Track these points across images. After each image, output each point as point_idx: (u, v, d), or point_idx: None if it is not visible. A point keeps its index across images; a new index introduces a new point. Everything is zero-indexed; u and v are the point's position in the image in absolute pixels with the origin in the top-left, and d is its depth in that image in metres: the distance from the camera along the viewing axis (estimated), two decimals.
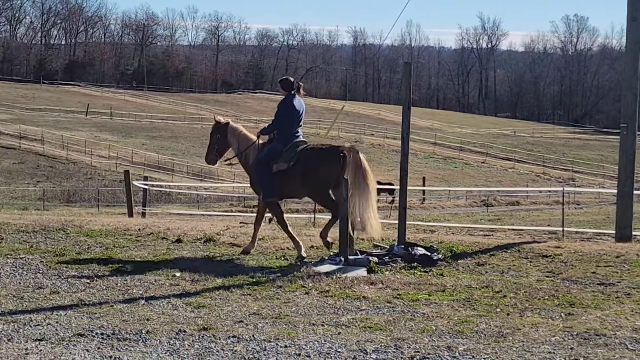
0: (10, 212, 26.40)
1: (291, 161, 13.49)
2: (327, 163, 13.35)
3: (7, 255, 13.02)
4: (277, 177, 13.56)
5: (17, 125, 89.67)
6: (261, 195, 13.80)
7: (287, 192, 13.96)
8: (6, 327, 8.56)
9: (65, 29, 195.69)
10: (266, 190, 13.64)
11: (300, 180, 13.48)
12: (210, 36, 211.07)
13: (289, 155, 13.54)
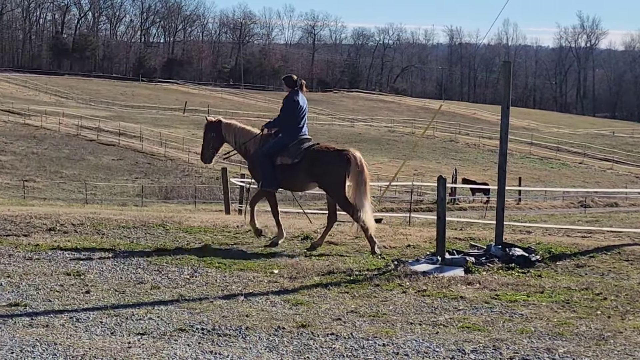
0: (110, 207, 26.84)
1: (296, 158, 14.24)
2: (332, 165, 14.02)
3: (109, 250, 13.25)
4: (279, 170, 14.37)
5: (116, 122, 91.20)
6: (260, 183, 14.59)
7: (287, 184, 14.88)
8: (109, 321, 8.73)
9: (164, 28, 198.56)
10: (267, 180, 14.40)
11: (304, 176, 14.36)
12: (306, 35, 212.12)
13: (294, 152, 14.27)
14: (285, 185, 14.84)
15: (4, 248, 13.19)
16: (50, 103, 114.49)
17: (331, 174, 14.04)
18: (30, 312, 9.08)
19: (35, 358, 7.39)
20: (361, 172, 13.92)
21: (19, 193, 51.05)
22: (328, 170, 14.06)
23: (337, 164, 13.97)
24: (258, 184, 14.91)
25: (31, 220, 16.16)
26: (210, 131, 15.17)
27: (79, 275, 11.19)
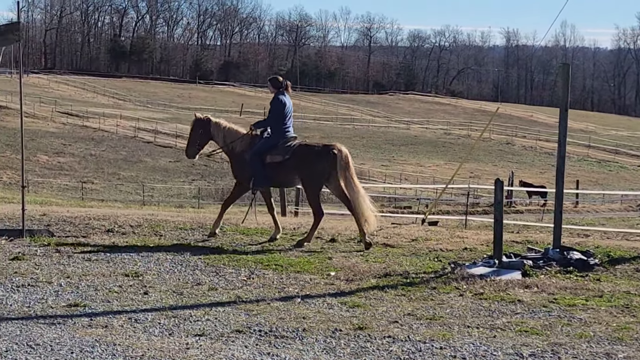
0: (167, 209, 27.03)
1: (286, 155, 14.79)
2: (320, 160, 14.59)
3: (166, 251, 13.33)
4: (269, 168, 14.92)
5: (173, 124, 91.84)
6: (251, 182, 15.18)
7: (278, 182, 15.72)
8: (167, 322, 8.80)
9: (221, 30, 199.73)
10: (258, 178, 15.01)
11: (292, 173, 14.94)
12: (362, 37, 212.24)
13: (284, 149, 14.84)
14: (275, 182, 15.62)
15: (63, 249, 13.34)
16: (108, 105, 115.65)
17: (316, 168, 14.62)
18: (90, 312, 9.18)
19: (95, 358, 7.46)
20: (347, 165, 14.62)
21: (78, 194, 51.63)
22: (314, 165, 14.64)
23: (324, 158, 14.58)
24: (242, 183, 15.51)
25: (90, 221, 16.33)
26: (199, 128, 15.58)
27: (138, 277, 11.29)
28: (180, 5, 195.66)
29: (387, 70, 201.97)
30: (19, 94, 16.71)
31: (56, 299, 9.86)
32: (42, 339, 7.98)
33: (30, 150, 65.99)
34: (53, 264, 12.20)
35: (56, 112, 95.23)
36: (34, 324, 8.61)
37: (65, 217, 16.63)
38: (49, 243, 13.86)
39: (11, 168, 61.99)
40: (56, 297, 9.97)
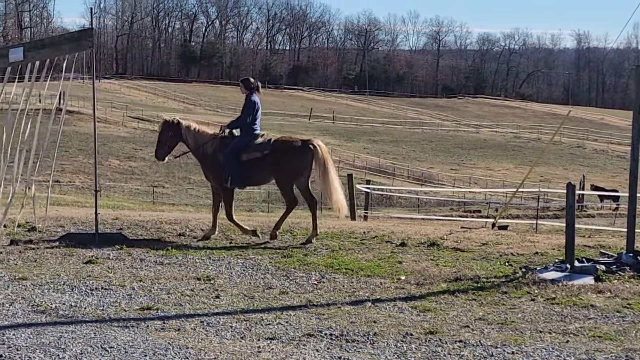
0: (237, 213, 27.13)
1: (265, 150, 15.29)
2: (299, 154, 15.26)
3: (237, 255, 13.43)
4: (246, 166, 15.32)
5: None
6: (229, 181, 15.35)
7: (255, 179, 16.12)
8: (239, 326, 8.86)
9: (290, 35, 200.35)
10: (234, 177, 15.28)
11: (271, 168, 15.35)
12: (431, 41, 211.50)
13: (262, 146, 15.36)
14: (253, 180, 16.14)
15: (135, 253, 13.49)
16: (179, 110, 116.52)
17: (297, 163, 15.28)
18: (162, 315, 9.27)
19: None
20: (325, 158, 15.37)
21: (149, 198, 52.13)
22: (295, 159, 15.29)
23: (304, 153, 15.26)
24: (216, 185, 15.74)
25: (161, 225, 16.50)
26: (168, 130, 15.72)
27: (209, 280, 11.38)
28: (249, 10, 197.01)
29: (456, 74, 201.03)
30: (91, 99, 16.95)
31: (129, 302, 9.98)
32: (115, 341, 8.09)
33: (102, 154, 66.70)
34: (126, 267, 12.35)
35: (127, 117, 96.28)
36: (108, 326, 8.72)
37: (137, 221, 16.82)
38: (121, 247, 14.01)
39: (84, 172, 62.81)
40: (129, 300, 10.09)
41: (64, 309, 9.50)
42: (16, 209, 16.22)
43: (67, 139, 67.48)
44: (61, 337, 8.18)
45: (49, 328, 8.60)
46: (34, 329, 8.55)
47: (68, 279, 11.30)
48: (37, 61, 15.93)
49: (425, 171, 78.22)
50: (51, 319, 9.07)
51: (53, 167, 16.87)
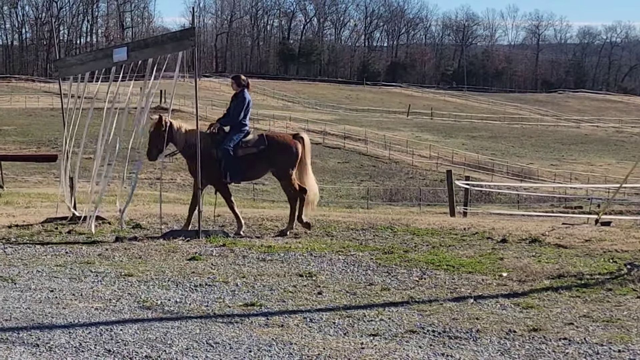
0: (338, 210, 27.28)
1: (261, 145, 15.67)
2: (293, 147, 15.77)
3: (338, 252, 13.48)
4: (243, 161, 15.66)
5: (341, 126, 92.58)
6: (227, 177, 15.70)
7: (251, 174, 16.33)
8: (342, 322, 8.89)
9: (388, 31, 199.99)
10: (233, 173, 15.68)
11: (267, 162, 15.79)
12: (530, 35, 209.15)
13: (258, 141, 15.77)
14: (248, 175, 16.30)
15: (238, 249, 13.64)
16: (278, 107, 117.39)
17: (290, 158, 15.73)
18: (266, 312, 9.35)
19: (272, 357, 7.61)
20: (308, 151, 16.07)
21: (249, 195, 52.54)
22: (288, 155, 15.73)
23: (294, 147, 15.78)
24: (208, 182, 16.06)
25: (263, 222, 16.67)
26: (160, 131, 15.63)
27: (311, 277, 11.45)
28: (347, 7, 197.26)
29: (556, 68, 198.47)
30: (191, 97, 17.21)
31: (233, 298, 10.10)
32: (220, 337, 8.19)
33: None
34: (229, 264, 12.50)
35: None
36: (213, 322, 8.83)
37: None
38: (224, 243, 14.19)
39: (185, 170, 63.49)
40: (233, 296, 10.20)
41: (169, 305, 9.66)
42: (122, 206, 16.51)
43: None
44: (167, 333, 8.32)
45: (155, 324, 8.75)
46: (140, 324, 8.71)
47: (172, 276, 11.49)
48: (140, 60, 16.25)
49: (524, 167, 77.41)
50: (157, 314, 9.22)
51: (162, 165, 17.07)
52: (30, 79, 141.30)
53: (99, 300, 9.91)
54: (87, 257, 13.04)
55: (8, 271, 11.76)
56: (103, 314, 9.15)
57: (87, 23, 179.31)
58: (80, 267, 12.13)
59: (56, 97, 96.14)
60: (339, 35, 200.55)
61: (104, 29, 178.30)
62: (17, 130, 79.53)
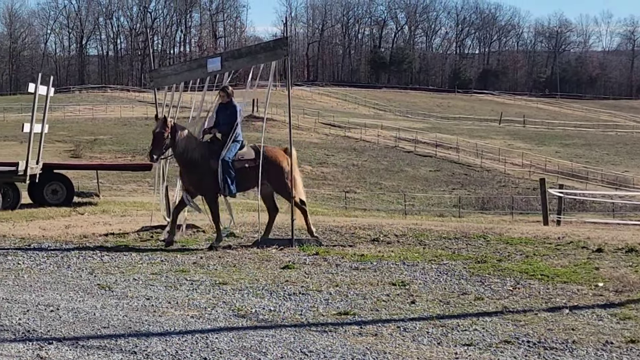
0: (430, 218, 27.17)
1: (257, 158, 15.71)
2: (284, 160, 16.04)
3: (431, 260, 13.44)
4: (238, 173, 15.64)
5: (433, 134, 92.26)
6: (227, 190, 15.56)
7: (244, 186, 16.16)
8: (435, 331, 8.87)
9: (479, 38, 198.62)
10: (232, 185, 15.54)
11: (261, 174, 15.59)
12: (625, 41, 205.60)
13: (253, 152, 15.86)
14: (242, 187, 16.15)
15: (331, 258, 13.69)
16: (369, 116, 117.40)
17: (283, 170, 15.93)
18: (359, 320, 9.37)
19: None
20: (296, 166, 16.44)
21: (341, 204, 52.68)
22: (281, 168, 15.93)
23: (286, 161, 16.03)
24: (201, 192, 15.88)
25: (355, 230, 16.69)
26: (164, 132, 15.41)
27: (404, 286, 11.43)
28: (438, 15, 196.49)
29: None
30: (283, 106, 17.36)
31: (326, 307, 10.13)
32: (314, 346, 8.22)
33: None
34: (322, 272, 12.55)
35: (319, 123, 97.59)
36: (307, 331, 8.87)
37: (331, 227, 17.06)
38: (317, 252, 14.25)
39: None
40: (326, 305, 10.24)
41: (264, 314, 9.73)
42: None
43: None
44: (262, 341, 8.38)
45: (250, 332, 8.82)
46: (235, 332, 8.79)
47: (266, 284, 11.57)
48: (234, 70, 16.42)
49: (620, 175, 76.14)
50: (251, 323, 9.30)
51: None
52: (125, 89, 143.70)
53: (195, 308, 10.04)
54: (182, 265, 13.22)
55: (105, 279, 11.99)
56: (198, 322, 9.26)
57: (181, 33, 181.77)
58: (175, 275, 12.31)
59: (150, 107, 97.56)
60: (430, 43, 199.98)
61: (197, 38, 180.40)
62: (112, 140, 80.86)
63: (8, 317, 9.34)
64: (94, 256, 14.09)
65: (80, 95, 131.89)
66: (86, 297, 10.63)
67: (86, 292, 10.98)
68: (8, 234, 16.79)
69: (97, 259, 13.80)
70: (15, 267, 13.09)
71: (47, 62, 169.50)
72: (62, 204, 23.12)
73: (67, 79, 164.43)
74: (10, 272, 12.61)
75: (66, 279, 12.05)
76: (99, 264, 13.37)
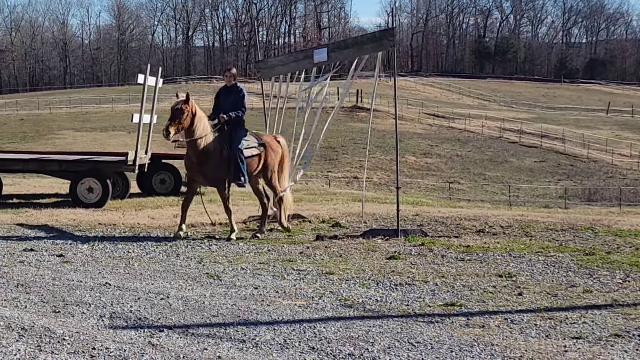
0: (536, 210, 26.87)
1: (262, 147, 15.54)
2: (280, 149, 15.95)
3: (537, 252, 13.31)
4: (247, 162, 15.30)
5: (538, 124, 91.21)
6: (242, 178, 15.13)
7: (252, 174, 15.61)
8: (543, 324, 8.78)
9: (586, 27, 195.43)
10: (245, 174, 15.16)
11: (262, 163, 15.56)
12: None
13: (258, 141, 15.58)
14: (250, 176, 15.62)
15: (436, 249, 13.67)
16: (473, 106, 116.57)
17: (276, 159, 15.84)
18: (466, 312, 9.33)
19: (474, 358, 7.60)
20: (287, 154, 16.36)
21: (444, 194, 52.43)
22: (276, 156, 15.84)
23: (280, 150, 15.96)
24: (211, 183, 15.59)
25: (461, 221, 16.62)
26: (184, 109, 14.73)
27: (510, 277, 11.35)
28: (544, 4, 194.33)
29: None
30: (387, 96, 17.38)
31: (433, 297, 10.12)
32: (422, 336, 8.22)
33: (399, 151, 67.75)
34: (427, 263, 12.53)
35: (423, 113, 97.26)
36: (414, 322, 8.88)
37: (436, 217, 17.03)
38: (422, 242, 14.24)
39: (381, 169, 64.02)
40: (433, 296, 10.23)
41: (370, 304, 9.76)
42: (320, 205, 16.80)
43: (364, 136, 68.90)
44: (369, 331, 8.41)
45: (357, 322, 8.86)
46: (342, 322, 8.84)
47: (373, 274, 11.61)
48: (339, 61, 16.49)
49: None
50: (358, 313, 9.34)
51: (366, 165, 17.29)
52: None
53: (302, 297, 10.12)
54: (289, 255, 13.34)
55: (214, 268, 12.16)
56: (306, 312, 9.33)
57: (285, 24, 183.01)
58: (282, 264, 12.42)
59: (254, 97, 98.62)
60: (535, 32, 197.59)
61: (301, 29, 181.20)
62: None
63: (120, 305, 9.55)
64: (202, 245, 14.31)
65: (186, 85, 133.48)
66: (195, 286, 10.80)
67: (195, 281, 11.16)
68: (118, 222, 17.15)
69: (205, 248, 14.01)
70: (125, 255, 13.37)
71: (154, 53, 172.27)
72: (170, 193, 23.54)
73: (173, 70, 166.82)
74: (121, 260, 12.89)
75: (175, 267, 12.26)
76: (207, 253, 13.57)
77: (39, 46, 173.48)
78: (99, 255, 13.28)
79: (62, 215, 18.29)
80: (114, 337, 8.13)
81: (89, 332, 8.30)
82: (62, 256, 13.15)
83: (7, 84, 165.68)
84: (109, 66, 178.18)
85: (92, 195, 20.69)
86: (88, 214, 18.46)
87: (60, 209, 19.66)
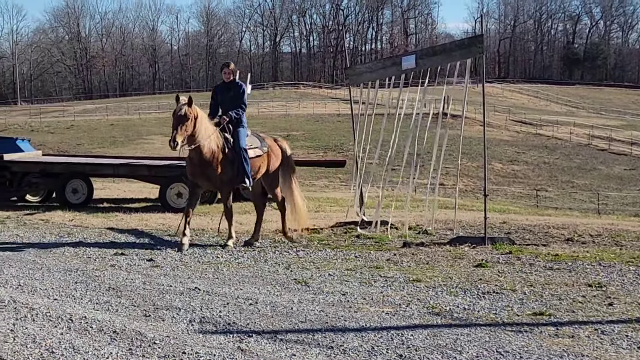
0: (627, 219, 26.48)
1: (264, 147, 15.20)
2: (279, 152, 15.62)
3: (628, 262, 13.10)
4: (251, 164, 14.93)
5: (628, 132, 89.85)
6: (248, 181, 14.71)
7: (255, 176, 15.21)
8: (635, 335, 8.59)
9: None
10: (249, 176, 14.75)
11: (265, 165, 15.25)
12: None
13: (261, 142, 15.27)
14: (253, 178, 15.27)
15: (524, 257, 13.55)
16: (561, 113, 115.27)
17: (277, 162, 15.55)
18: (555, 322, 9.24)
19: None
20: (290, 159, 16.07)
21: (531, 202, 51.88)
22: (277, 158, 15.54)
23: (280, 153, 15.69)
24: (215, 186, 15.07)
25: (549, 230, 16.47)
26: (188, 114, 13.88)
27: (600, 287, 11.20)
28: (635, 9, 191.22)
29: None
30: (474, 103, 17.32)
31: (521, 307, 10.03)
32: (510, 346, 8.17)
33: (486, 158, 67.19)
34: (515, 271, 12.43)
35: (510, 120, 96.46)
36: (501, 331, 8.81)
37: (524, 225, 16.90)
38: (510, 251, 14.13)
39: (467, 175, 63.61)
40: (521, 305, 10.14)
41: (458, 312, 9.72)
42: (408, 211, 16.77)
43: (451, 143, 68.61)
44: (457, 340, 8.38)
45: (445, 330, 8.83)
46: (430, 330, 8.82)
47: (460, 282, 11.56)
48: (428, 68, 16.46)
49: None
50: (446, 321, 9.31)
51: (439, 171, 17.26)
52: (317, 86, 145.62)
53: (389, 304, 10.13)
54: (376, 261, 13.34)
55: (301, 274, 12.23)
56: (393, 319, 9.34)
57: (372, 30, 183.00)
58: (369, 271, 12.44)
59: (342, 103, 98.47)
60: (626, 38, 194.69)
61: (388, 35, 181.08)
62: (305, 136, 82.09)
63: (209, 310, 9.66)
64: (289, 251, 14.41)
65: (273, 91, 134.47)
66: (283, 292, 10.88)
67: (283, 287, 11.23)
68: (206, 227, 17.35)
69: (293, 254, 14.10)
70: (214, 260, 13.52)
71: (242, 59, 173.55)
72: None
73: (260, 76, 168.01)
74: (209, 265, 13.03)
75: (263, 273, 12.36)
76: (294, 258, 13.65)
77: (129, 52, 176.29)
78: (188, 260, 13.45)
79: (151, 220, 18.57)
80: (204, 342, 8.24)
81: (179, 337, 8.42)
82: (152, 260, 13.35)
83: (97, 89, 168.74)
84: (197, 72, 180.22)
85: (181, 200, 20.97)
86: (177, 218, 18.68)
87: (149, 213, 19.97)
